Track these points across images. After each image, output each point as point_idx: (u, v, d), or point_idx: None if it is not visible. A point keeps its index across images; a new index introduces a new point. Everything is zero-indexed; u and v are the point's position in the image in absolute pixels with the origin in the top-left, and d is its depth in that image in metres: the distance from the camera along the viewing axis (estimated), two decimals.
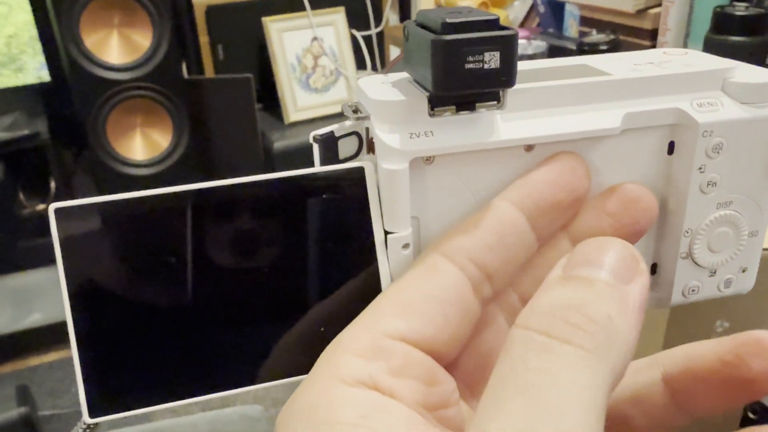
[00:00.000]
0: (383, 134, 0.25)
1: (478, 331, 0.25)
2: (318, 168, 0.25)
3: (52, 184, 1.69)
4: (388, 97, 0.25)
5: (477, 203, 0.27)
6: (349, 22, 1.83)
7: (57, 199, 1.68)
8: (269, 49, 1.79)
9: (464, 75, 0.23)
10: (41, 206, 1.70)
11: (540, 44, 1.29)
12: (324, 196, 0.25)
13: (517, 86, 0.25)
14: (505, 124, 0.26)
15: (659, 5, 1.16)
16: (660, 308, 0.31)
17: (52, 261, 0.22)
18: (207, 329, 0.24)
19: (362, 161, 0.26)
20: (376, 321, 0.22)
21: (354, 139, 0.28)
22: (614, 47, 1.15)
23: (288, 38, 1.82)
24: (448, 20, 0.23)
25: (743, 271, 0.30)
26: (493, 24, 0.24)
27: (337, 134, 0.27)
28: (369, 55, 1.91)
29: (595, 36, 1.16)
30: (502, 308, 0.26)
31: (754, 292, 0.57)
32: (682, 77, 0.27)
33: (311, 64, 1.85)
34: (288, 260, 0.25)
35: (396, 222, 0.25)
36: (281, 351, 0.25)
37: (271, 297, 0.25)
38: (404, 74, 0.27)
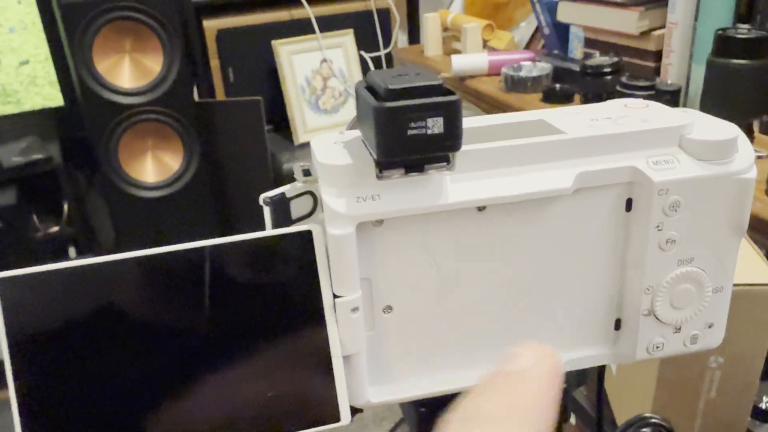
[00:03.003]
0: (330, 198, 0.25)
1: None
2: (266, 232, 0.25)
3: (65, 207, 1.71)
4: (336, 161, 0.25)
5: (430, 263, 0.27)
6: (358, 43, 1.85)
7: (70, 221, 1.70)
8: (279, 72, 1.81)
9: (408, 141, 0.23)
10: (54, 229, 1.72)
11: (545, 66, 1.29)
12: (272, 259, 0.25)
13: (467, 147, 0.25)
14: (455, 185, 0.25)
15: (663, 27, 1.15)
16: (624, 363, 0.30)
17: None
18: (151, 390, 0.24)
19: (311, 224, 0.26)
20: None
21: (308, 198, 0.28)
22: (617, 69, 1.14)
23: (297, 60, 1.83)
24: (391, 86, 0.23)
25: (709, 327, 0.30)
26: (436, 89, 0.23)
27: (288, 195, 0.27)
28: None
29: (598, 58, 1.16)
30: None
31: (748, 326, 0.56)
32: (637, 134, 0.27)
33: (320, 86, 1.86)
34: (234, 324, 0.25)
35: (344, 285, 0.25)
36: (228, 415, 0.25)
37: (217, 360, 0.25)
38: (358, 132, 0.27)
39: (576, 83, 1.19)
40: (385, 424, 1.49)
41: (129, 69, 1.67)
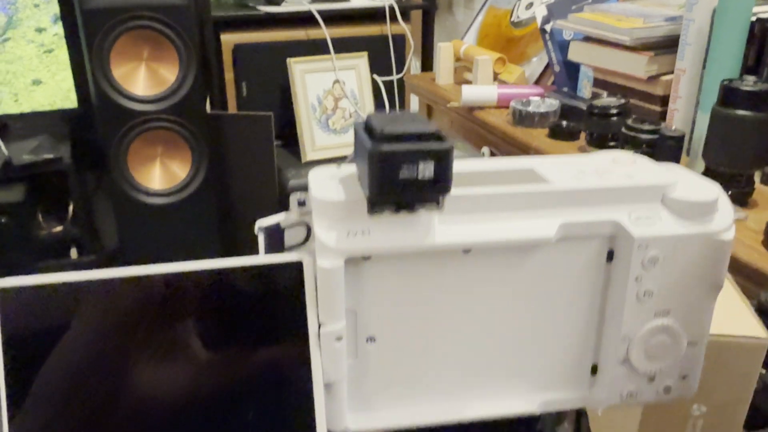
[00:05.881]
0: (321, 231, 0.26)
1: None
2: (259, 258, 0.27)
3: (71, 207, 1.73)
4: (330, 196, 0.26)
5: (414, 298, 0.28)
6: (371, 66, 1.87)
7: (74, 222, 1.71)
8: (292, 89, 1.83)
9: (399, 183, 0.24)
10: (58, 228, 1.73)
11: (553, 102, 1.30)
12: (262, 285, 0.26)
13: (457, 190, 0.26)
14: (442, 226, 0.27)
15: (671, 73, 1.17)
16: (597, 408, 0.31)
17: None
18: (131, 417, 0.25)
19: (303, 253, 0.27)
20: None
21: (302, 228, 0.29)
22: (624, 111, 1.16)
23: (311, 79, 1.86)
24: (386, 131, 0.24)
25: (683, 378, 0.30)
26: (430, 136, 0.25)
27: (283, 225, 0.28)
28: (389, 100, 1.94)
29: (605, 99, 1.17)
30: None
31: (732, 377, 0.56)
32: (621, 190, 0.28)
33: (332, 106, 1.89)
34: (220, 345, 0.26)
35: (330, 315, 0.26)
36: None
37: (201, 386, 0.26)
38: (354, 167, 0.28)
39: (582, 122, 1.21)
40: None
41: (144, 77, 1.70)
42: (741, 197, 0.99)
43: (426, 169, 0.24)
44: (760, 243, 0.91)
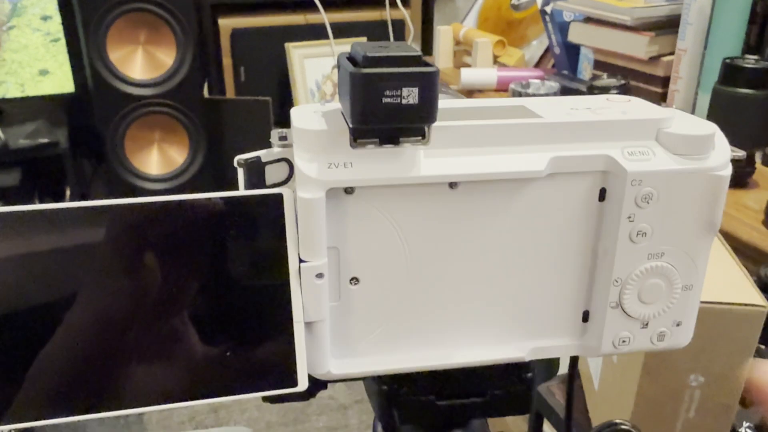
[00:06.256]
0: (302, 163, 0.25)
1: None
2: (238, 192, 0.26)
3: (67, 193, 1.72)
4: (311, 126, 0.25)
5: (400, 237, 0.27)
6: None
7: None
8: (290, 74, 1.82)
9: (382, 108, 0.24)
10: None
11: (553, 85, 1.29)
12: (241, 220, 0.25)
13: (443, 123, 0.25)
14: (428, 160, 0.26)
15: (672, 53, 1.16)
16: (589, 357, 0.30)
17: None
18: (113, 347, 0.24)
19: (283, 188, 0.26)
20: None
21: (284, 166, 0.28)
22: (624, 92, 1.14)
23: (309, 64, 1.85)
24: (369, 54, 0.23)
25: (677, 325, 0.29)
26: (414, 60, 0.24)
27: (264, 159, 0.27)
28: None
29: (605, 80, 1.16)
30: None
31: (731, 346, 0.56)
32: (614, 124, 0.27)
33: (330, 91, 1.87)
34: (199, 282, 0.25)
35: (311, 251, 0.25)
36: (190, 372, 0.25)
37: (178, 316, 0.25)
38: (338, 105, 0.27)
39: None
40: None
41: (141, 61, 1.69)
42: (741, 177, 0.98)
43: (410, 95, 0.24)
44: (760, 222, 0.90)
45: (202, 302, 0.25)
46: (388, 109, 0.24)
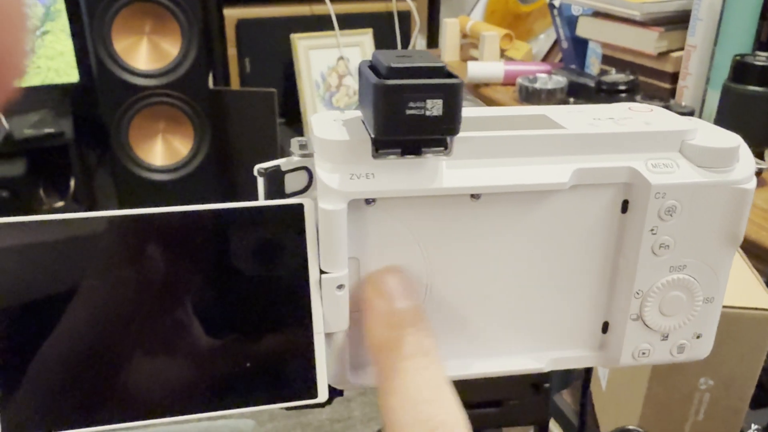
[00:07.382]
0: (324, 173, 0.25)
1: None
2: (258, 202, 0.25)
3: (72, 183, 1.72)
4: (333, 136, 0.25)
5: (420, 247, 0.27)
6: (376, 43, 1.85)
7: (76, 197, 1.70)
8: (295, 66, 1.81)
9: (405, 120, 0.23)
10: (60, 203, 1.73)
11: (560, 80, 1.28)
12: (262, 230, 0.25)
13: (465, 134, 0.25)
14: (450, 171, 0.25)
15: (681, 49, 1.15)
16: (609, 367, 0.30)
17: None
18: (132, 359, 0.24)
19: (305, 198, 0.26)
20: None
21: (304, 174, 0.28)
22: (633, 88, 1.14)
23: (315, 56, 1.84)
24: (393, 65, 0.23)
25: (697, 338, 0.29)
26: (439, 71, 0.23)
27: (283, 168, 0.27)
28: None
29: (614, 75, 1.15)
30: None
31: (741, 350, 0.55)
32: (638, 136, 0.27)
33: (335, 83, 1.87)
34: (219, 293, 0.25)
35: (332, 262, 0.25)
36: (206, 385, 0.25)
37: (200, 329, 0.24)
38: (359, 112, 0.27)
39: (590, 99, 1.19)
40: (373, 424, 1.49)
41: (146, 51, 1.68)
42: None
43: (434, 106, 0.23)
44: None
45: (222, 313, 0.25)
46: (412, 120, 0.23)
